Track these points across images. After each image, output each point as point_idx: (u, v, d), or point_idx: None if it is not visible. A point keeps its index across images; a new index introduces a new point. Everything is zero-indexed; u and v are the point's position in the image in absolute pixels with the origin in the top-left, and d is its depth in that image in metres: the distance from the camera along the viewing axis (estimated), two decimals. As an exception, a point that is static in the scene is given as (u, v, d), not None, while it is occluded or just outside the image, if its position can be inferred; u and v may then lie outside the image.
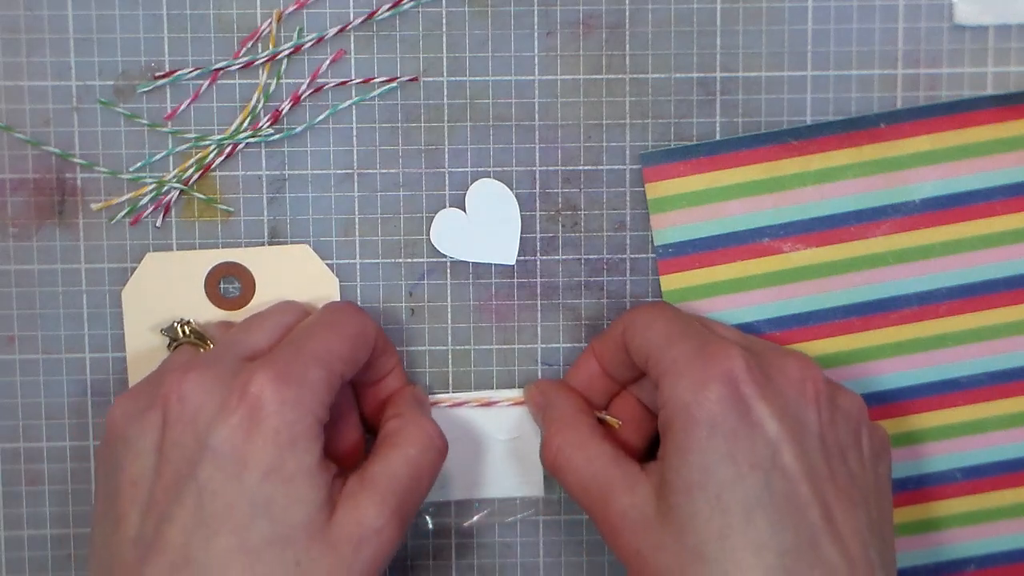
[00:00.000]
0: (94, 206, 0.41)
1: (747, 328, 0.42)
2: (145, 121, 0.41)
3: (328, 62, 0.42)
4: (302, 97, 0.41)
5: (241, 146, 0.42)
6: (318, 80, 0.42)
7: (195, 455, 0.34)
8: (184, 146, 0.42)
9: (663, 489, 0.36)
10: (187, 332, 0.41)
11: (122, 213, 0.42)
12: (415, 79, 0.42)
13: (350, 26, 0.41)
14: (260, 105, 0.42)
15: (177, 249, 0.42)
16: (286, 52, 0.41)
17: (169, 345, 0.41)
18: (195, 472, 0.34)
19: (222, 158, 0.42)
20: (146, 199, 0.42)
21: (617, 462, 0.38)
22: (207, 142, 0.42)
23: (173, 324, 0.41)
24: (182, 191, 0.42)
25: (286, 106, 0.41)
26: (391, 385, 0.41)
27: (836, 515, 0.35)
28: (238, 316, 0.42)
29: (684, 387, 0.36)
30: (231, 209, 0.42)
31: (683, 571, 0.34)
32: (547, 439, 0.39)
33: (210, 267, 0.42)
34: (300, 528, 0.34)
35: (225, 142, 0.42)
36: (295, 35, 0.41)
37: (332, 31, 0.41)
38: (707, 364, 0.36)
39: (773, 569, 0.34)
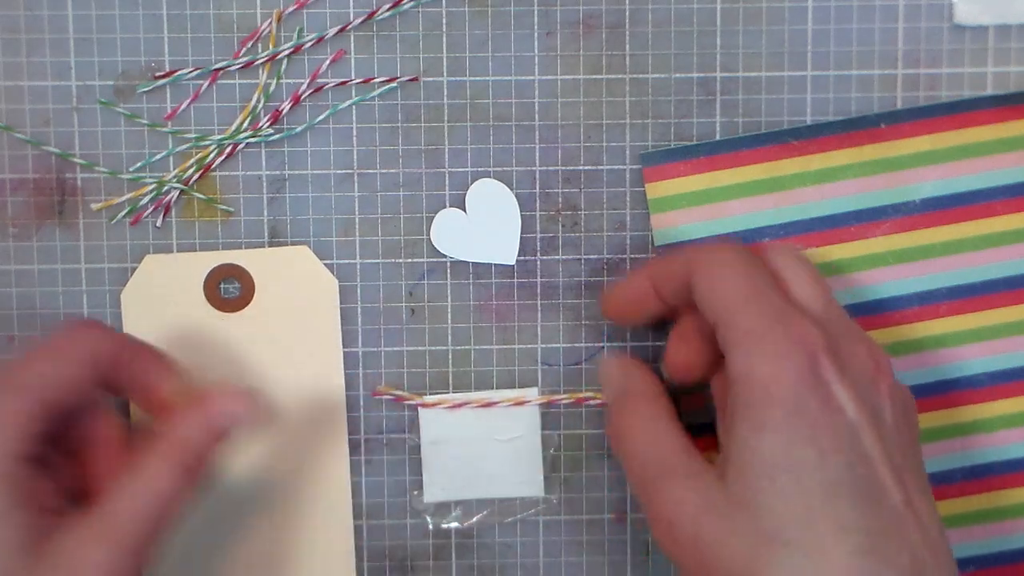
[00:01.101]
0: (94, 206, 0.41)
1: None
2: (145, 121, 0.41)
3: (328, 62, 0.42)
4: (302, 97, 0.41)
5: (241, 146, 0.42)
6: (318, 80, 0.42)
7: None
8: (184, 146, 0.42)
9: (733, 471, 0.34)
10: None
11: (122, 213, 0.42)
12: (415, 79, 0.42)
13: (350, 26, 0.41)
14: (260, 105, 0.42)
15: (177, 249, 0.42)
16: (286, 52, 0.41)
17: None
18: None
19: (222, 158, 0.42)
20: (146, 199, 0.42)
21: (687, 449, 0.36)
22: (207, 142, 0.42)
23: None
24: (182, 191, 0.42)
25: (286, 106, 0.41)
26: (174, 395, 0.37)
27: (915, 502, 0.34)
28: (238, 317, 0.42)
29: (761, 361, 0.34)
30: (231, 209, 0.42)
31: (756, 557, 0.33)
32: (618, 409, 0.38)
33: (209, 268, 0.42)
34: None
35: (225, 142, 0.42)
36: (295, 35, 0.41)
37: (332, 31, 0.41)
38: (787, 338, 0.34)
39: (859, 549, 0.32)
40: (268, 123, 0.41)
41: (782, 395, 0.33)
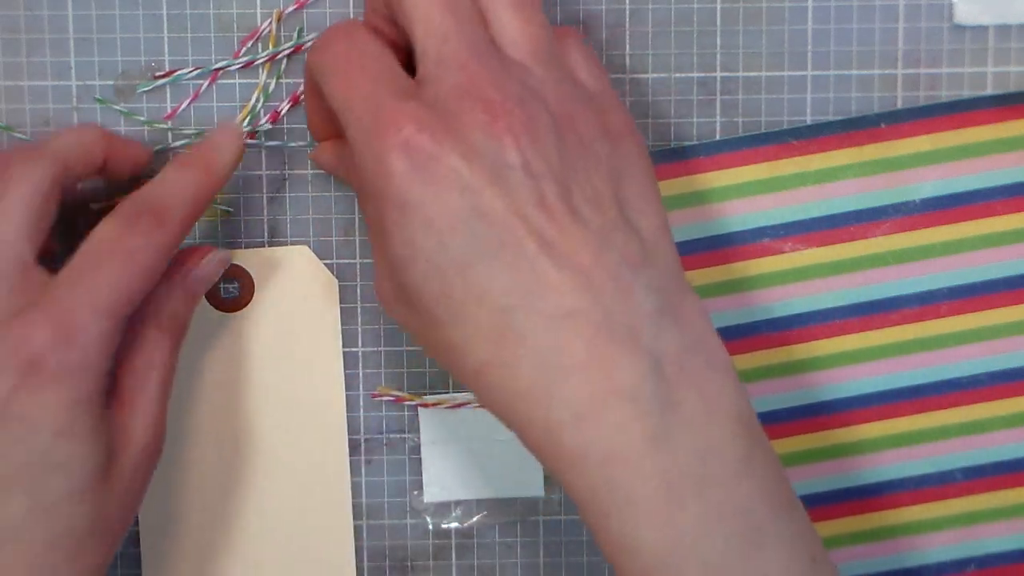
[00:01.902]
0: (93, 205, 0.41)
1: (748, 329, 0.42)
2: (142, 118, 0.41)
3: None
4: (301, 97, 0.41)
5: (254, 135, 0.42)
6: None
7: None
8: (182, 141, 0.42)
9: (388, 268, 0.34)
10: None
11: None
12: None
13: (350, 26, 0.41)
14: (260, 105, 0.42)
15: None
16: (286, 52, 0.41)
17: None
18: None
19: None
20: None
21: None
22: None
23: None
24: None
25: (284, 107, 0.41)
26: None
27: (554, 237, 0.32)
28: (237, 317, 0.42)
29: (368, 170, 0.33)
30: (230, 209, 0.42)
31: (426, 337, 0.34)
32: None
33: (210, 267, 0.42)
34: (91, 479, 0.34)
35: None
36: (295, 35, 0.41)
37: (332, 31, 0.41)
38: (381, 138, 0.32)
39: (499, 312, 0.32)
40: (267, 123, 0.41)
41: (391, 194, 0.32)
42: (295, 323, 0.42)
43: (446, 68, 0.33)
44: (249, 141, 0.42)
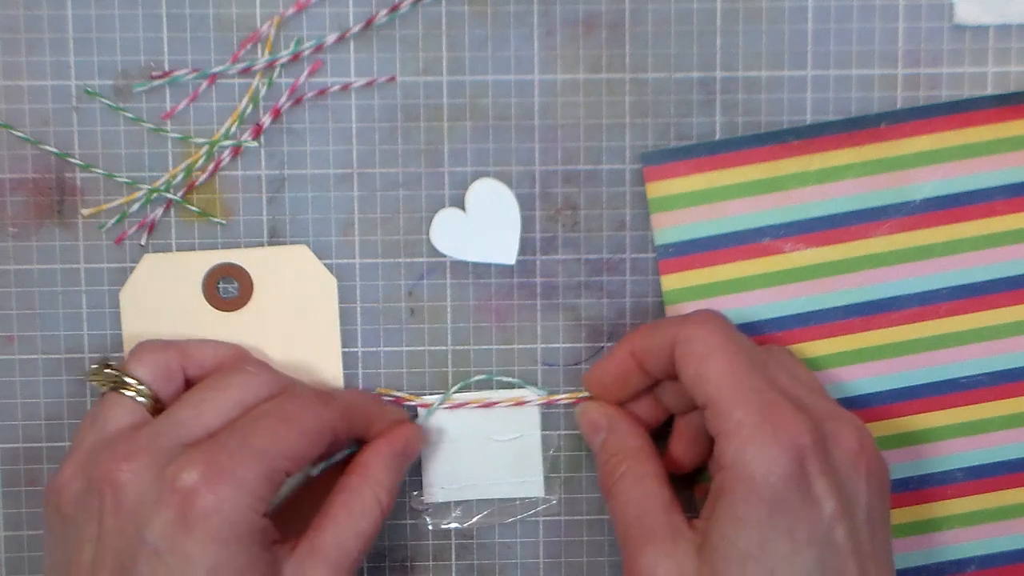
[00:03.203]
0: (84, 211, 0.41)
1: (748, 328, 0.42)
2: (131, 115, 0.41)
3: (305, 75, 0.41)
4: (282, 109, 0.41)
5: (227, 151, 0.42)
6: (296, 93, 0.42)
7: (135, 548, 0.34)
8: (178, 135, 0.42)
9: (709, 552, 0.35)
10: (111, 375, 0.38)
11: (112, 221, 0.42)
12: (392, 79, 0.42)
13: (349, 33, 0.41)
14: (248, 111, 0.41)
15: (176, 248, 0.42)
16: (284, 59, 0.41)
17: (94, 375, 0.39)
18: (136, 567, 0.34)
19: (224, 161, 0.42)
20: (136, 205, 0.42)
21: (669, 510, 0.37)
22: (199, 142, 0.42)
23: (98, 366, 0.39)
24: (175, 201, 0.42)
25: (266, 120, 0.41)
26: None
27: None
28: (237, 316, 0.42)
29: (751, 457, 0.35)
30: (223, 222, 0.42)
31: None
32: (611, 462, 0.39)
33: (208, 268, 0.42)
34: None
35: (222, 145, 0.41)
36: (292, 44, 0.41)
37: (331, 38, 0.41)
38: (776, 435, 0.35)
39: None
40: (251, 134, 0.41)
41: (767, 494, 0.35)
42: (294, 323, 0.42)
43: (812, 387, 0.39)
44: (249, 142, 0.42)
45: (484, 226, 0.42)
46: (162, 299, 0.42)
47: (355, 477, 0.39)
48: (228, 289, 0.42)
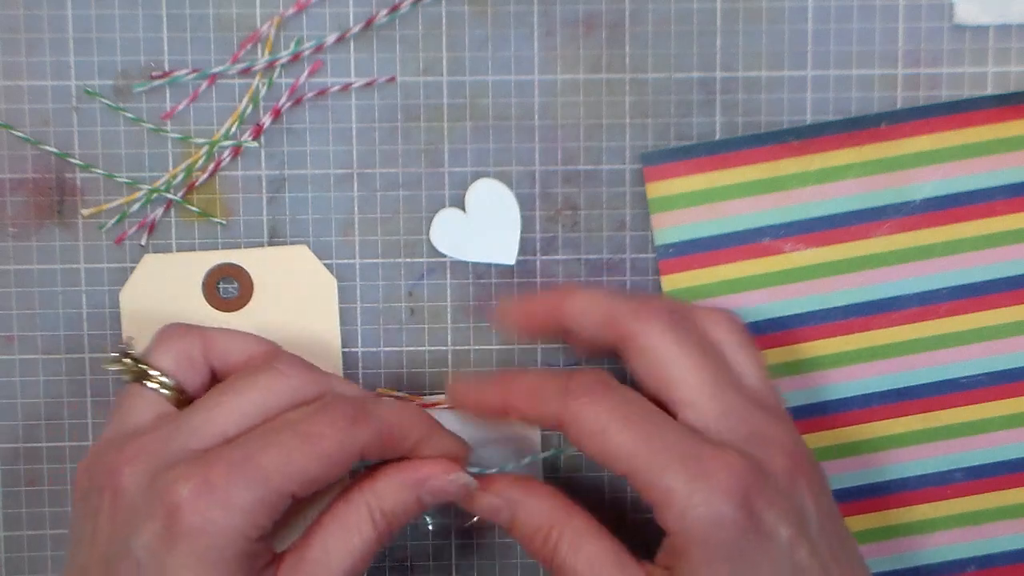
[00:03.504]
0: (84, 211, 0.41)
1: (748, 328, 0.42)
2: (131, 116, 0.41)
3: (305, 75, 0.41)
4: (282, 109, 0.41)
5: (227, 152, 0.42)
6: (296, 93, 0.42)
7: (120, 555, 0.33)
8: (177, 136, 0.42)
9: None
10: (131, 363, 0.37)
11: (112, 221, 0.42)
12: (392, 79, 0.42)
13: (349, 33, 0.41)
14: (248, 111, 0.41)
15: (176, 249, 0.42)
16: (284, 60, 0.41)
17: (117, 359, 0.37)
18: (117, 571, 0.33)
19: (225, 161, 0.42)
20: (136, 206, 0.42)
21: (620, 563, 0.35)
22: (199, 142, 0.42)
23: (117, 354, 0.37)
24: (174, 201, 0.42)
25: (266, 120, 0.41)
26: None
27: None
28: (237, 317, 0.42)
29: (696, 520, 0.33)
30: (223, 223, 0.42)
31: None
32: (536, 538, 0.36)
33: (208, 268, 0.42)
34: None
35: (222, 145, 0.41)
36: (292, 44, 0.41)
37: (331, 38, 0.41)
38: (711, 489, 0.33)
39: None
40: (251, 135, 0.41)
41: (724, 552, 0.33)
42: (294, 323, 0.42)
43: (762, 382, 0.38)
44: (249, 142, 0.42)
45: (484, 226, 0.42)
46: (162, 299, 0.42)
47: (355, 489, 0.36)
48: (228, 289, 0.42)
